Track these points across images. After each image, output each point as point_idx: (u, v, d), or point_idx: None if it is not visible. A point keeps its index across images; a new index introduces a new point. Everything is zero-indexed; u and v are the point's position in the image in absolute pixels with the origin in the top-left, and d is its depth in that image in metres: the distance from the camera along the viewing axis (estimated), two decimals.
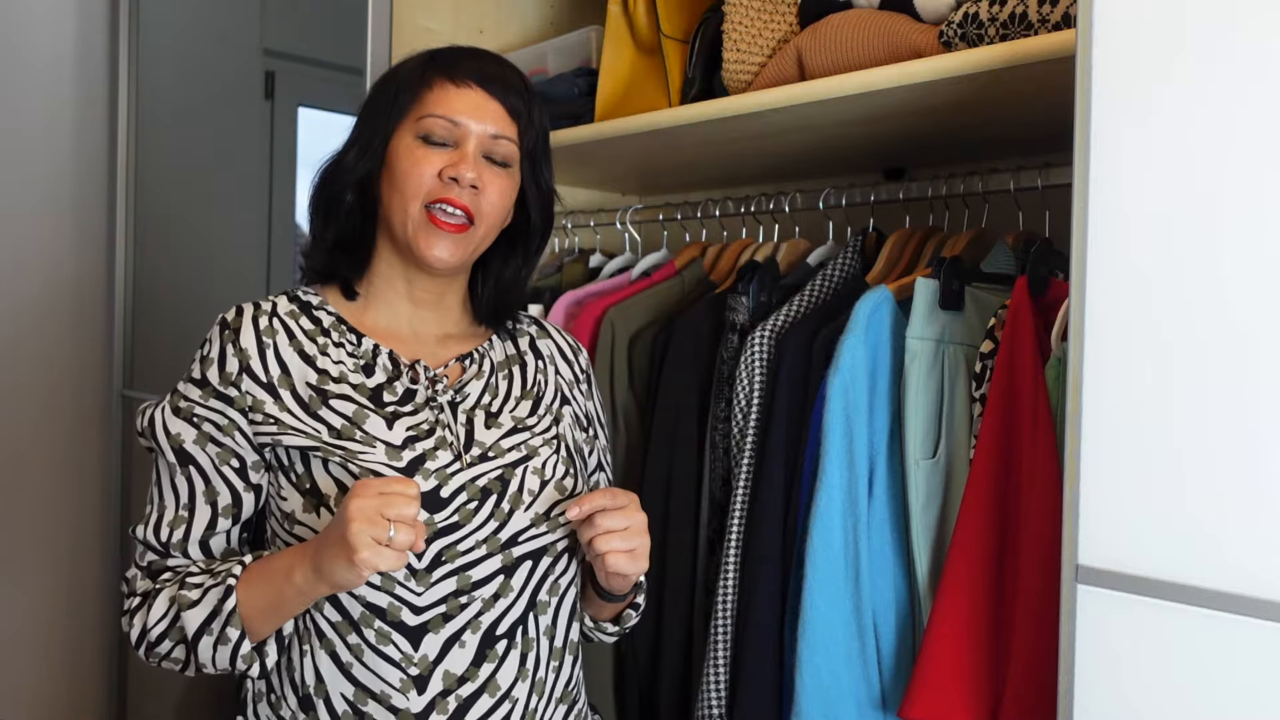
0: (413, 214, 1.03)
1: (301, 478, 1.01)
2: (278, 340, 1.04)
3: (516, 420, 1.09)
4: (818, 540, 1.15)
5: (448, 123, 1.03)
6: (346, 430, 1.01)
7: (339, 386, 1.03)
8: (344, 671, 1.00)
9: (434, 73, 1.06)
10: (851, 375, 1.18)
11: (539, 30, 1.98)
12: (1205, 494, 0.79)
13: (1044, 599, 0.99)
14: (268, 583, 0.96)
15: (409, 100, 1.05)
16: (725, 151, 1.58)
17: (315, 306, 1.08)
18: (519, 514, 1.03)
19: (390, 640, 0.99)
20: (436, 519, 0.99)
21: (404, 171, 1.03)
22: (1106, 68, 0.85)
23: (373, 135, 1.06)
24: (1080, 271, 0.86)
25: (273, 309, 1.06)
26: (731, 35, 1.37)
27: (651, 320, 1.53)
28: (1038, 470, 1.04)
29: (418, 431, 1.03)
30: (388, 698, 0.99)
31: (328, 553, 0.90)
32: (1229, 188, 0.79)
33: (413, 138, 1.04)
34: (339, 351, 1.06)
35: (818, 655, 1.14)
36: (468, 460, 1.03)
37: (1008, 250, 1.31)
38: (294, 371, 1.03)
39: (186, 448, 1.02)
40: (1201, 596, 0.79)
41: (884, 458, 1.20)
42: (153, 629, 1.00)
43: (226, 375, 1.02)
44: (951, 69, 1.08)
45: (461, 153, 1.03)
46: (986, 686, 1.07)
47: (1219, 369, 0.79)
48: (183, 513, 1.03)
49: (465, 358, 1.11)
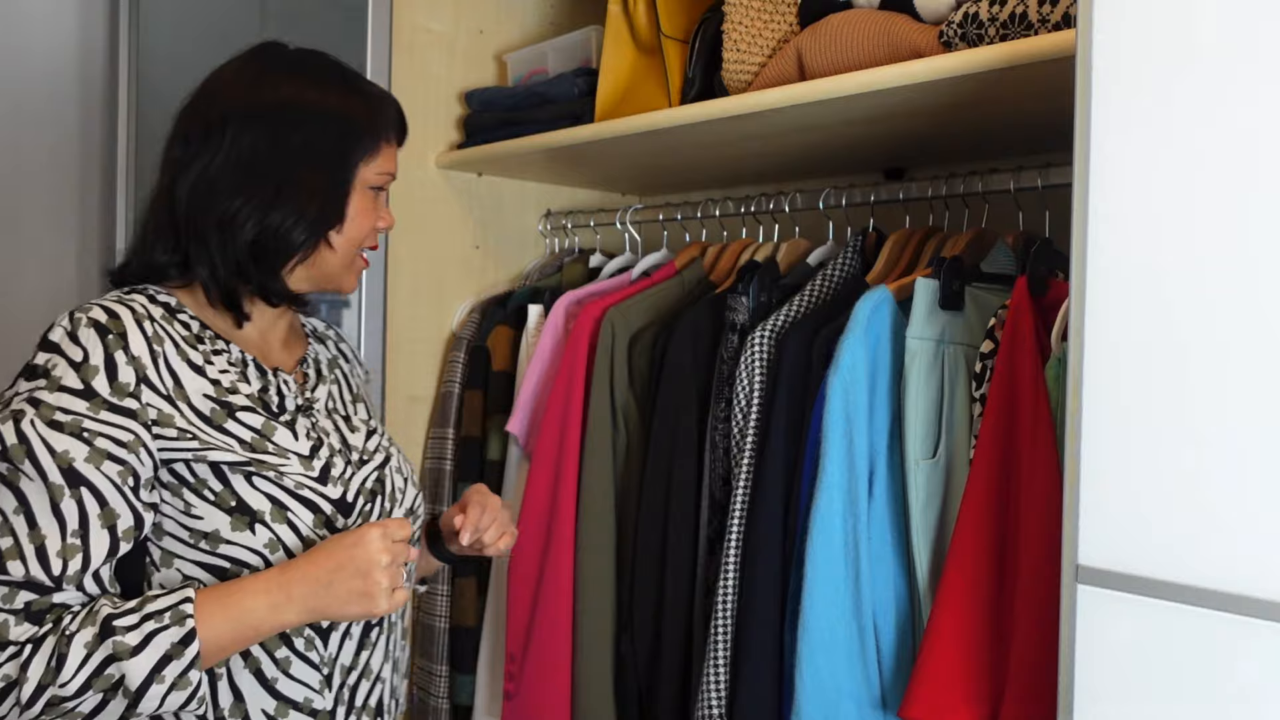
0: (349, 257, 1.10)
1: (222, 495, 0.98)
2: (166, 349, 0.99)
3: (364, 423, 1.16)
4: (818, 540, 1.15)
5: (389, 178, 1.12)
6: (258, 443, 1.00)
7: (238, 398, 1.02)
8: (267, 687, 1.00)
9: (389, 129, 1.10)
10: (851, 375, 1.18)
11: (539, 30, 1.98)
12: (1205, 494, 0.79)
13: (1044, 599, 0.99)
14: (235, 620, 0.92)
15: (372, 149, 1.08)
16: (725, 151, 1.58)
17: (176, 309, 1.03)
18: (397, 511, 1.11)
19: (314, 646, 1.02)
20: (349, 523, 1.03)
21: (359, 222, 1.08)
22: (1106, 68, 0.85)
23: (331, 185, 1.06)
24: (1080, 271, 0.86)
25: (146, 313, 1.00)
26: (731, 35, 1.37)
27: (651, 320, 1.53)
28: (1038, 470, 1.04)
29: (314, 440, 1.05)
30: (309, 702, 1.02)
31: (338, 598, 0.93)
32: (1229, 187, 0.78)
33: (366, 188, 1.09)
34: (220, 359, 1.03)
35: (818, 655, 1.14)
36: (355, 464, 1.08)
37: (1008, 250, 1.31)
38: (187, 383, 0.99)
39: (77, 467, 0.90)
40: (1201, 596, 0.79)
41: (884, 458, 1.20)
42: (67, 683, 0.86)
43: (121, 386, 0.94)
44: (951, 69, 1.08)
45: (385, 208, 1.14)
46: (986, 686, 1.07)
47: (1219, 369, 0.79)
48: (74, 540, 0.90)
49: (302, 362, 1.15)
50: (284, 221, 1.03)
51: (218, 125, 1.03)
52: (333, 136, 1.05)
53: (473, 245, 1.91)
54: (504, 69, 1.89)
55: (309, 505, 1.01)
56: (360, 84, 1.11)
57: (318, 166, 1.05)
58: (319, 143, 1.05)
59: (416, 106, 1.79)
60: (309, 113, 1.05)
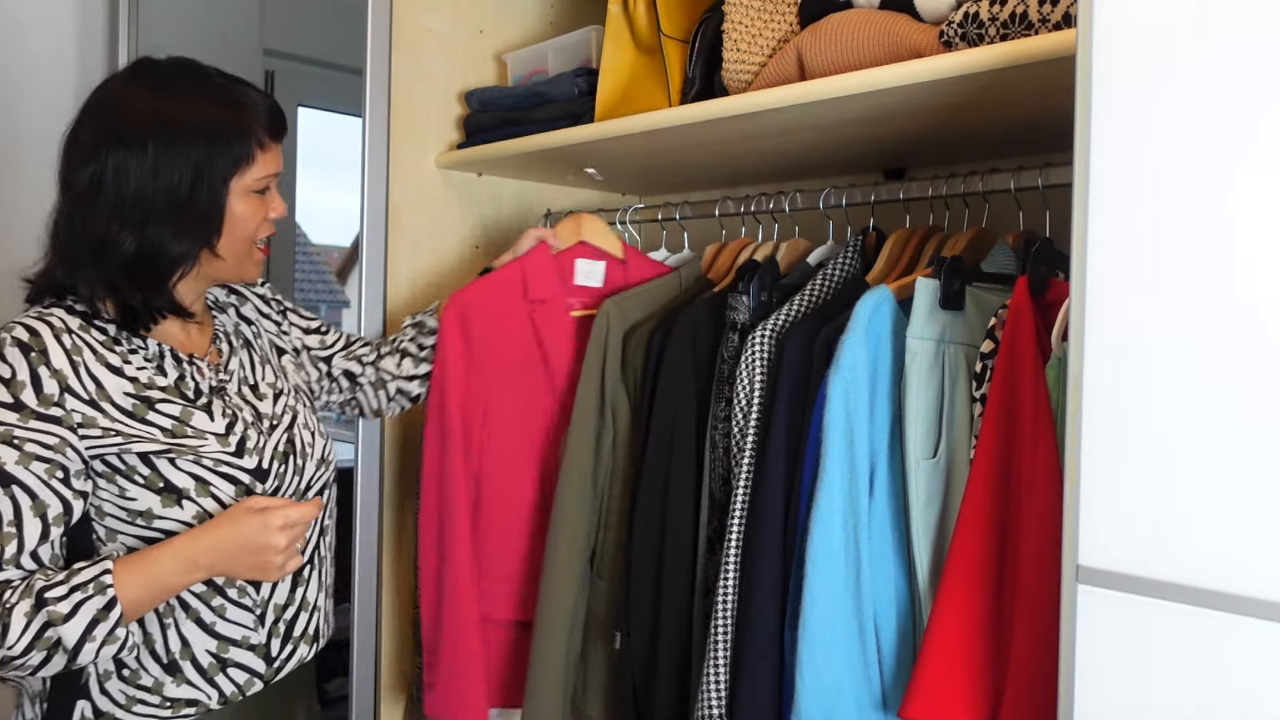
0: (246, 251, 1.20)
1: (150, 478, 1.12)
2: (85, 357, 1.10)
3: (271, 386, 1.29)
4: (818, 540, 1.15)
5: (273, 178, 1.20)
6: (178, 429, 1.14)
7: (155, 392, 1.14)
8: (208, 630, 1.18)
9: (261, 134, 1.17)
10: (852, 375, 1.18)
11: (539, 30, 1.98)
12: (1205, 494, 0.79)
13: (1044, 599, 0.99)
14: (150, 585, 1.08)
15: (243, 160, 1.15)
16: (725, 151, 1.58)
17: (93, 316, 1.14)
18: (309, 465, 1.27)
19: (246, 593, 1.20)
20: (266, 488, 1.19)
21: (244, 224, 1.18)
22: (1106, 68, 0.85)
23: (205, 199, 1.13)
24: (1080, 271, 0.86)
25: (64, 326, 1.10)
26: (731, 35, 1.37)
27: (648, 315, 1.53)
28: (1038, 470, 1.04)
29: (229, 417, 1.19)
30: (246, 639, 1.21)
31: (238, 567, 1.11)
32: (1229, 187, 0.78)
33: (248, 193, 1.17)
34: (137, 358, 1.15)
35: (818, 655, 1.14)
36: (266, 431, 1.22)
37: (1008, 250, 1.31)
38: (108, 385, 1.11)
39: (9, 469, 1.04)
40: (1201, 596, 0.79)
41: (884, 457, 1.20)
42: (13, 645, 1.02)
43: (46, 397, 1.06)
44: (952, 69, 1.08)
45: (274, 194, 1.22)
46: (987, 686, 1.07)
47: (1219, 368, 0.79)
48: (9, 529, 1.04)
49: (215, 339, 1.27)
50: (159, 241, 1.11)
51: (90, 154, 1.10)
52: (199, 156, 1.12)
53: (473, 245, 1.91)
54: (504, 69, 1.89)
55: (228, 479, 1.16)
56: (230, 94, 1.16)
57: (187, 187, 1.11)
58: (185, 165, 1.11)
59: (416, 106, 1.79)
60: (173, 135, 1.11)
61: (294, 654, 1.27)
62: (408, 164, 1.78)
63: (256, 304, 1.41)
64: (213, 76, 1.17)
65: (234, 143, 1.14)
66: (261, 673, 1.23)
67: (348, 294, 6.17)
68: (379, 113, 1.71)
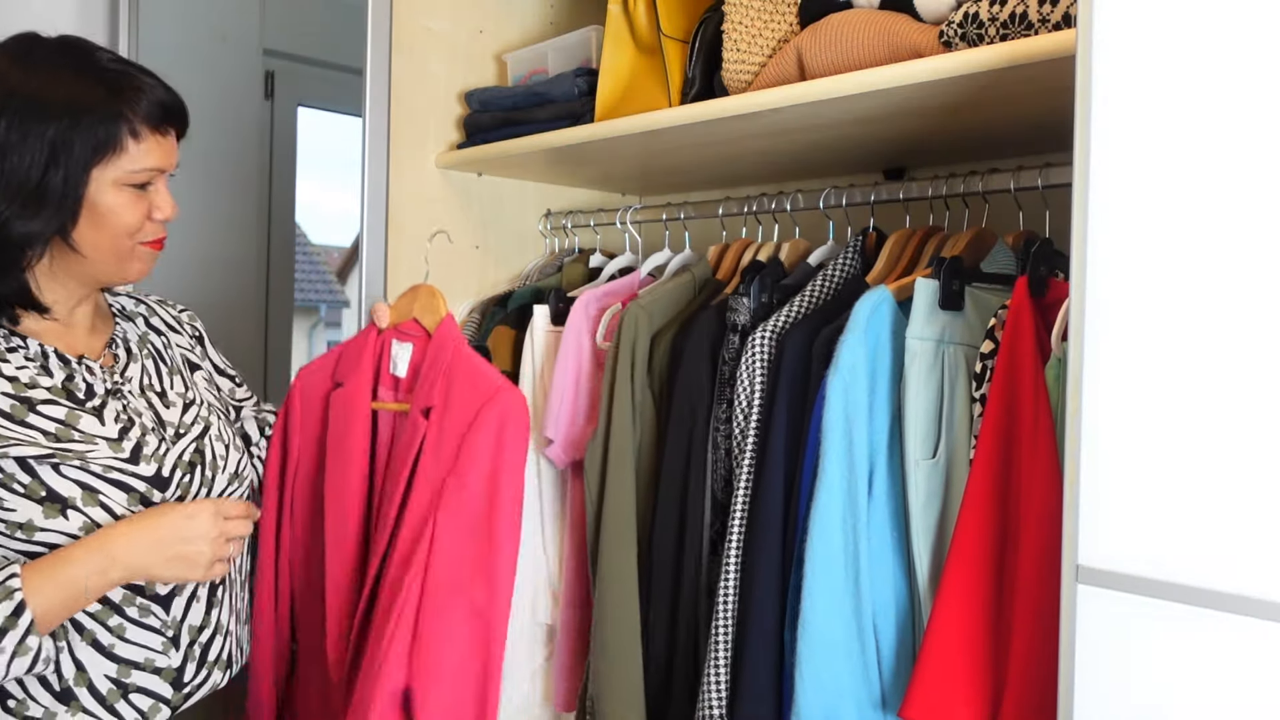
0: (124, 248, 1.09)
1: (31, 486, 1.02)
2: None
3: (181, 396, 1.22)
4: (817, 540, 1.15)
5: (155, 172, 1.08)
6: (63, 433, 1.05)
7: (37, 392, 1.06)
8: (106, 653, 1.09)
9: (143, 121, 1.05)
10: (851, 375, 1.18)
11: (539, 30, 1.98)
12: (1205, 494, 0.79)
13: (1044, 599, 0.99)
14: (63, 587, 1.00)
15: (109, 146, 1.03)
16: (725, 151, 1.58)
17: None
18: (220, 478, 1.19)
19: (150, 612, 1.12)
20: (167, 497, 1.11)
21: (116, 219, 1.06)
22: (1106, 68, 0.85)
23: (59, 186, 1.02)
24: (1080, 271, 0.86)
25: None
26: (731, 35, 1.37)
27: (671, 319, 1.52)
28: (1038, 470, 1.04)
29: (124, 422, 1.12)
30: (151, 662, 1.12)
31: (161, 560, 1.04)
32: (1229, 187, 0.78)
33: (120, 186, 1.05)
34: (16, 357, 1.07)
35: (818, 655, 1.14)
36: (170, 439, 1.15)
37: (1008, 250, 1.31)
38: None
39: None
40: (1201, 596, 0.79)
41: (884, 458, 1.20)
42: None
43: None
44: (951, 69, 1.08)
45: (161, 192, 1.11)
46: (987, 687, 1.07)
47: (1219, 368, 0.79)
48: None
49: (111, 344, 1.19)
50: (3, 218, 1.01)
51: None
52: (57, 135, 1.01)
53: (473, 245, 1.91)
54: (504, 69, 1.89)
55: (120, 486, 1.07)
56: (109, 76, 1.05)
57: (41, 164, 1.01)
58: (40, 142, 1.00)
59: (417, 106, 1.79)
60: (33, 109, 1.00)
61: (207, 680, 1.18)
62: (408, 164, 1.78)
63: (168, 319, 1.34)
64: (99, 58, 1.07)
65: (98, 126, 1.03)
66: (169, 698, 1.13)
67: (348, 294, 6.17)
68: (379, 113, 1.71)
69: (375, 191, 1.72)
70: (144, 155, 1.06)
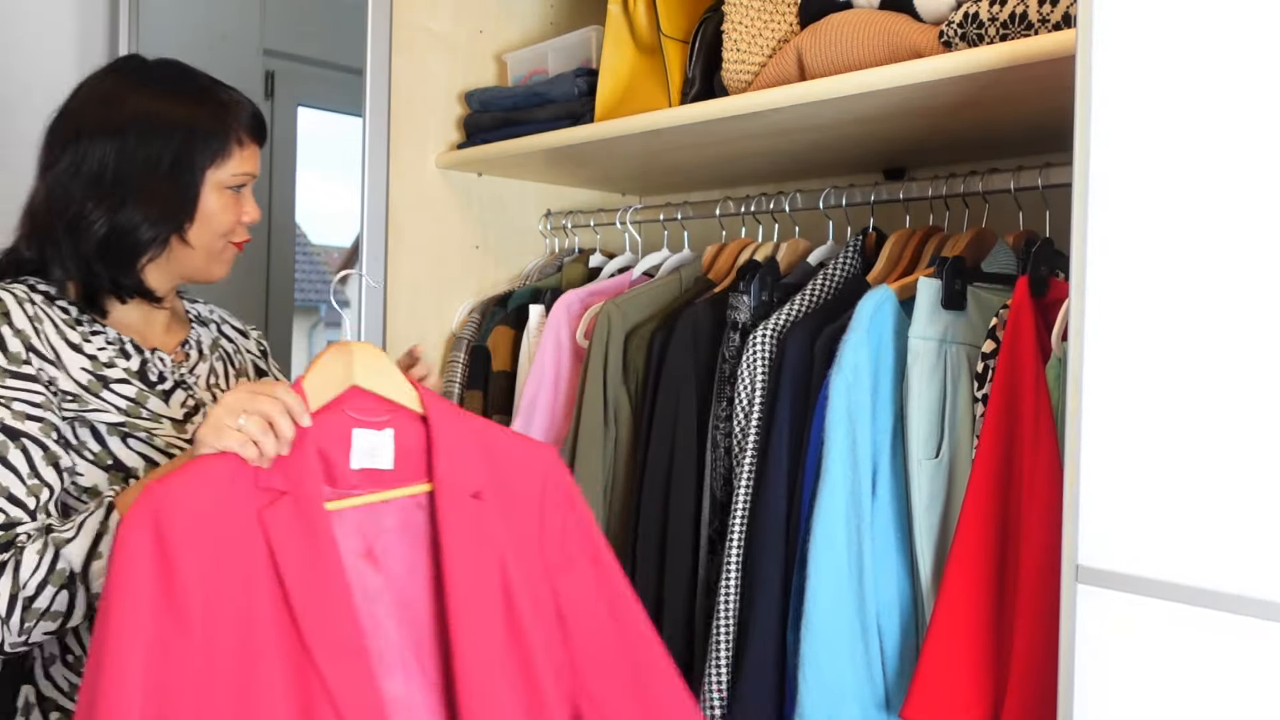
0: (217, 247, 1.20)
1: (100, 455, 1.10)
2: (45, 327, 1.11)
3: None
4: (821, 540, 1.15)
5: (248, 177, 1.21)
6: (133, 410, 1.13)
7: (114, 371, 1.14)
8: None
9: (239, 132, 1.19)
10: (854, 375, 1.18)
11: (539, 30, 1.98)
12: (1205, 494, 0.79)
13: (1045, 599, 0.99)
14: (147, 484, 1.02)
15: (220, 153, 1.17)
16: (725, 151, 1.58)
17: (55, 297, 1.15)
18: None
19: None
20: None
21: (217, 219, 1.18)
22: (1106, 68, 0.85)
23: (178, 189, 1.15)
24: (1080, 271, 0.86)
25: (27, 297, 1.11)
26: (731, 35, 1.37)
27: (649, 316, 1.53)
28: (1039, 470, 1.04)
29: (188, 408, 1.18)
30: None
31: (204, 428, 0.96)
32: (1228, 187, 0.79)
33: (223, 188, 1.18)
34: (99, 340, 1.16)
35: (821, 655, 1.14)
36: None
37: (1008, 250, 1.31)
38: (65, 358, 1.11)
39: (9, 423, 1.03)
40: (1201, 596, 0.79)
41: (887, 457, 1.20)
42: (27, 583, 0.96)
43: (14, 355, 1.06)
44: (951, 69, 1.08)
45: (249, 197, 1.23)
46: (988, 687, 1.07)
47: (1219, 368, 0.79)
48: (33, 481, 1.03)
49: (184, 344, 1.27)
50: (131, 223, 1.14)
51: (73, 139, 1.14)
52: (178, 145, 1.15)
53: (473, 245, 1.91)
54: (504, 69, 1.89)
55: None
56: (212, 92, 1.20)
57: (164, 173, 1.14)
58: (165, 152, 1.14)
59: (416, 106, 1.79)
60: (155, 125, 1.14)
61: None
62: (408, 164, 1.78)
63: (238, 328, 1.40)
64: (197, 76, 1.22)
65: (213, 137, 1.17)
66: None
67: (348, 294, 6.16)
68: (379, 113, 1.72)
69: (375, 191, 1.72)
70: (242, 161, 1.20)
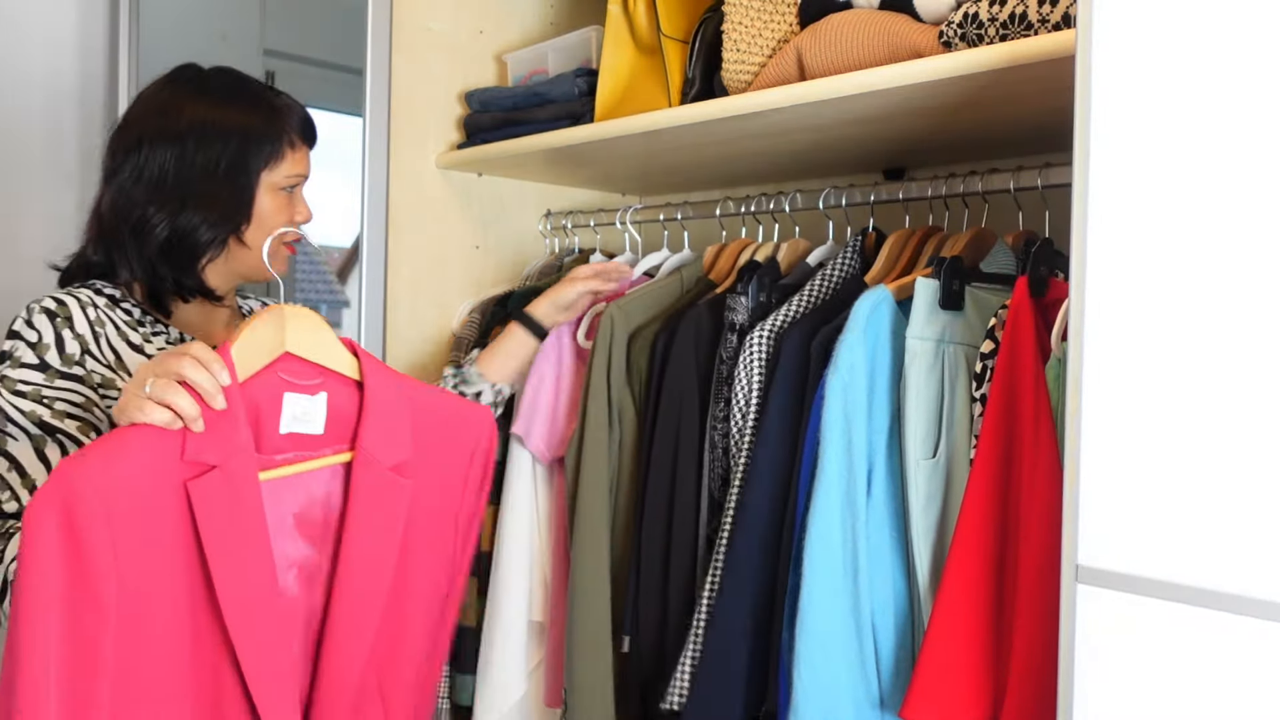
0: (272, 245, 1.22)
1: None
2: (107, 330, 1.18)
3: None
4: (816, 540, 1.15)
5: (300, 178, 1.28)
6: None
7: None
8: None
9: (291, 136, 1.26)
10: (850, 375, 1.18)
11: (539, 30, 1.98)
12: (1205, 494, 0.79)
13: (1044, 599, 0.99)
14: None
15: (273, 156, 1.24)
16: (725, 151, 1.58)
17: (119, 299, 1.22)
18: None
19: None
20: None
21: (272, 219, 1.25)
22: (1106, 68, 0.85)
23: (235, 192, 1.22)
24: (1080, 271, 0.86)
25: (90, 301, 1.18)
26: (731, 35, 1.37)
27: (653, 317, 1.53)
28: (1039, 470, 1.04)
29: None
30: None
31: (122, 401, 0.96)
32: (1229, 187, 0.79)
33: (277, 189, 1.25)
34: (159, 340, 1.23)
35: (815, 654, 1.14)
36: None
37: (1008, 250, 1.31)
38: (127, 358, 1.18)
39: (48, 420, 1.10)
40: (1201, 596, 0.79)
41: (882, 457, 1.20)
42: None
43: (68, 357, 1.13)
44: (951, 69, 1.08)
45: (301, 199, 1.30)
46: (987, 686, 1.07)
47: (1219, 368, 0.79)
48: None
49: None
50: (191, 225, 1.20)
51: (135, 147, 1.21)
52: (234, 150, 1.22)
53: (473, 245, 1.91)
54: (504, 69, 1.89)
55: None
56: (264, 98, 1.27)
57: (221, 177, 1.21)
58: (221, 157, 1.21)
59: (416, 106, 1.79)
60: (211, 131, 1.21)
61: None
62: (408, 164, 1.78)
63: None
64: (250, 83, 1.29)
65: (266, 140, 1.23)
66: None
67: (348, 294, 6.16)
68: (379, 113, 1.72)
69: (375, 191, 1.72)
70: (295, 164, 1.27)
